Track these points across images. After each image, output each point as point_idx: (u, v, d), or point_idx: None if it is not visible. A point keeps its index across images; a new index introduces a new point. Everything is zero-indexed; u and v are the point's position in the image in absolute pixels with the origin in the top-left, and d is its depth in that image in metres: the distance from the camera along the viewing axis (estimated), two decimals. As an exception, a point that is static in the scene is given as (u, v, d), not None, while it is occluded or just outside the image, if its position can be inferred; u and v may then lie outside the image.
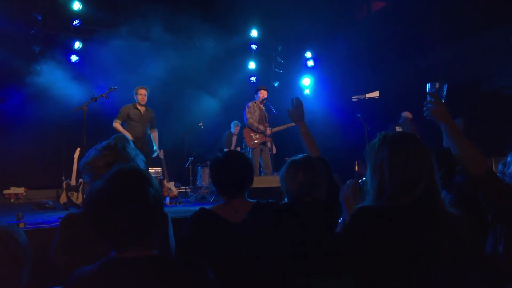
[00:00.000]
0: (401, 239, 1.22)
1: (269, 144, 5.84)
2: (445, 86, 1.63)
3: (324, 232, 1.68)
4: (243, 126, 6.05)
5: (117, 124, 5.22)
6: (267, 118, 5.90)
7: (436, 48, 7.49)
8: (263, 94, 5.85)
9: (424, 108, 1.56)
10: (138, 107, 5.39)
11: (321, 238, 1.65)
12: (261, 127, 5.76)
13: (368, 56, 8.26)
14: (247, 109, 5.82)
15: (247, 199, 1.68)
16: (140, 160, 1.56)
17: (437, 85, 1.62)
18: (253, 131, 5.77)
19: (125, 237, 1.00)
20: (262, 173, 5.75)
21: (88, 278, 0.97)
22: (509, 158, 1.86)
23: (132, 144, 1.63)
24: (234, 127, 7.28)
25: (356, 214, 1.31)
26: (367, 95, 9.12)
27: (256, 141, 5.72)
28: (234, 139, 7.24)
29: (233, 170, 1.63)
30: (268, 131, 5.70)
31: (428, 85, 1.63)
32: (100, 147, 1.50)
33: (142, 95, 5.38)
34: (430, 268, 1.19)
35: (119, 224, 0.97)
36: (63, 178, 5.17)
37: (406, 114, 6.73)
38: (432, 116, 1.54)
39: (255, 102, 5.87)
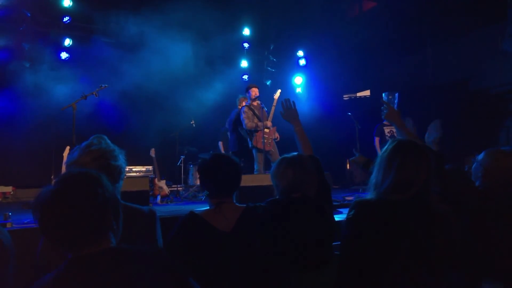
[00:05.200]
0: (393, 232, 1.31)
1: (276, 135, 5.80)
2: (397, 95, 2.08)
3: (313, 227, 1.70)
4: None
5: None
6: (263, 116, 5.87)
7: (427, 48, 7.56)
8: (254, 92, 5.81)
9: (382, 113, 2.03)
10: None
11: (310, 233, 1.67)
12: (260, 124, 5.69)
13: (359, 55, 8.30)
14: (243, 115, 5.74)
15: (236, 203, 1.68)
16: (123, 158, 1.55)
17: (390, 95, 2.06)
18: (257, 131, 5.68)
19: (76, 238, 1.02)
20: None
21: (48, 284, 0.99)
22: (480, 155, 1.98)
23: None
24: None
25: (352, 207, 1.44)
26: (359, 94, 9.18)
27: (265, 140, 5.58)
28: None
29: (221, 173, 1.63)
30: (268, 123, 5.65)
31: (383, 95, 2.09)
32: (84, 146, 1.49)
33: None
34: (422, 263, 1.29)
35: (67, 225, 1.00)
36: (52, 177, 5.10)
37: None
38: (386, 119, 1.99)
39: (248, 106, 5.80)
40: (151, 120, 7.13)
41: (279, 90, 5.95)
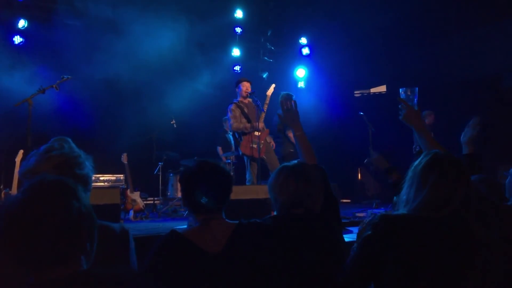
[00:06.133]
0: (422, 251, 1.40)
1: (268, 139, 5.87)
2: (416, 91, 2.12)
3: (318, 248, 1.71)
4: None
5: None
6: (255, 116, 5.87)
7: (453, 36, 7.65)
8: (245, 86, 5.84)
9: (400, 112, 2.07)
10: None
11: (315, 255, 1.68)
12: (248, 125, 5.69)
13: (374, 44, 8.37)
14: (229, 114, 5.78)
15: (226, 219, 1.69)
16: (90, 165, 1.56)
17: (408, 91, 2.11)
18: (245, 134, 5.69)
19: (42, 258, 1.02)
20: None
21: None
22: None
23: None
24: (225, 124, 7.25)
25: (376, 222, 1.51)
26: (372, 90, 9.26)
27: (254, 145, 5.56)
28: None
29: (209, 183, 1.64)
30: (260, 124, 5.67)
31: (400, 91, 2.14)
32: (42, 151, 1.49)
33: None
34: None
35: (34, 243, 0.99)
36: (1, 187, 5.06)
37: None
38: (404, 120, 2.03)
39: (236, 103, 5.83)
40: (123, 119, 7.09)
41: (273, 85, 5.99)
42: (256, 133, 5.60)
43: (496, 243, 1.48)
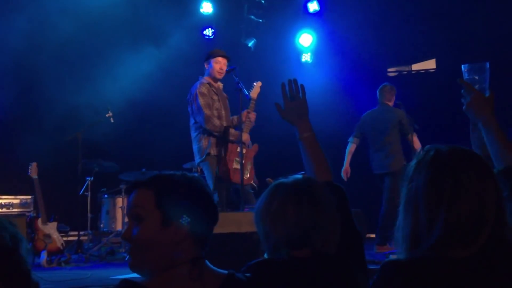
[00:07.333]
0: None
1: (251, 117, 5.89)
2: (487, 67, 2.12)
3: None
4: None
5: None
6: (228, 110, 5.90)
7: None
8: (220, 64, 5.83)
9: (463, 100, 2.08)
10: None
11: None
12: (234, 132, 5.67)
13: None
14: (199, 99, 5.71)
15: (211, 266, 1.66)
16: None
17: (475, 69, 2.13)
18: (225, 144, 5.68)
19: None
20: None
21: None
22: None
23: None
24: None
25: (382, 274, 1.47)
26: (415, 67, 9.34)
27: (235, 165, 5.58)
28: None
29: (194, 203, 1.60)
30: (245, 135, 5.66)
31: (462, 68, 2.16)
32: None
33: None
34: None
35: None
36: None
37: None
38: (468, 112, 2.06)
39: (208, 84, 5.84)
40: (30, 112, 7.06)
41: (259, 83, 5.91)
42: (245, 136, 5.62)
43: None
